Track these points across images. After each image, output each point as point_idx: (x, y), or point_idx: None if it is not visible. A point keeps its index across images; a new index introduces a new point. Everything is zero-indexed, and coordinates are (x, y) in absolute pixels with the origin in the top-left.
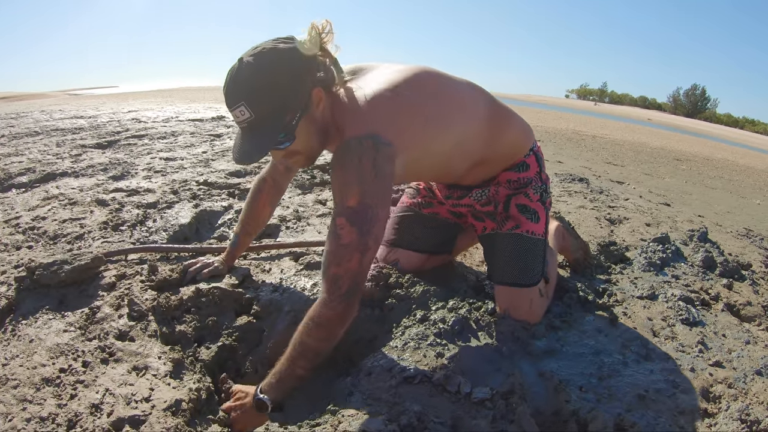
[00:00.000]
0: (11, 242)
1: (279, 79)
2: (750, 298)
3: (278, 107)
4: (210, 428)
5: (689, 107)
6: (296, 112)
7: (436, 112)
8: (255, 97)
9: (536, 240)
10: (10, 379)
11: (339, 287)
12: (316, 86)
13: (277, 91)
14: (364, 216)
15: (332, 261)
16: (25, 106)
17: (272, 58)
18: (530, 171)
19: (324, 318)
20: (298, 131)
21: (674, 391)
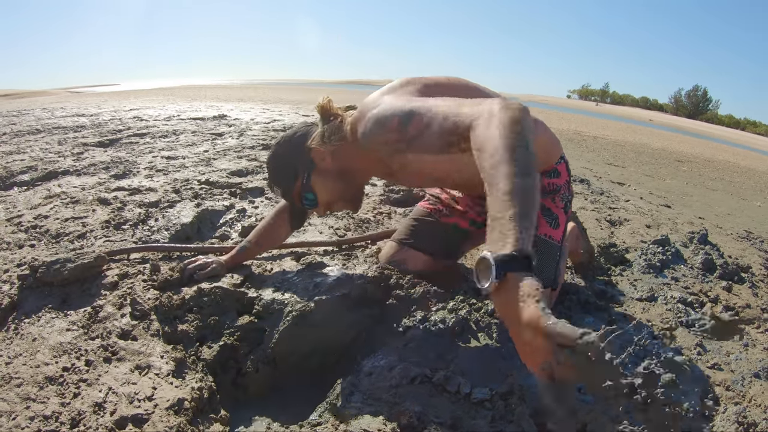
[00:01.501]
0: (13, 240)
1: (283, 160)
2: (749, 300)
3: (288, 180)
4: (212, 427)
5: (691, 108)
6: (303, 175)
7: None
8: (275, 178)
9: (552, 245)
10: (13, 377)
11: (469, 115)
12: (315, 149)
13: (281, 167)
14: (415, 110)
15: (446, 122)
16: (27, 103)
17: (278, 147)
18: (561, 179)
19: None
20: (314, 186)
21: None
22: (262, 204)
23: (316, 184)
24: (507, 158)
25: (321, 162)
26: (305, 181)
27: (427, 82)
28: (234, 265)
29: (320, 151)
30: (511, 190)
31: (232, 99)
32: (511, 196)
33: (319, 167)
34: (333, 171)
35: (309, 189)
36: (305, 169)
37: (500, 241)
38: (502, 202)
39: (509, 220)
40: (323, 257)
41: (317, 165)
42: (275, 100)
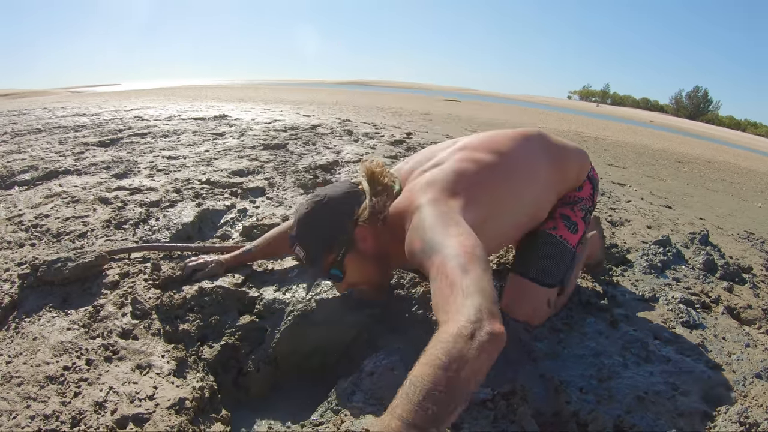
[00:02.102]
0: (14, 240)
1: (320, 228)
2: (750, 301)
3: (320, 249)
4: (213, 426)
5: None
6: (339, 251)
7: (504, 168)
8: (303, 241)
9: (566, 246)
10: (14, 376)
11: (452, 303)
12: (359, 226)
13: (317, 237)
14: (436, 242)
15: (437, 295)
16: (28, 103)
17: (319, 209)
18: (583, 192)
19: (443, 335)
20: (346, 265)
21: (674, 394)
22: (263, 204)
23: (350, 264)
24: (425, 397)
25: (362, 242)
26: (339, 258)
27: (475, 181)
28: (235, 265)
29: (365, 230)
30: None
31: (233, 99)
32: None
33: (359, 248)
34: (371, 254)
35: (340, 267)
36: (342, 246)
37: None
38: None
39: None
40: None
41: (357, 245)
42: (276, 101)
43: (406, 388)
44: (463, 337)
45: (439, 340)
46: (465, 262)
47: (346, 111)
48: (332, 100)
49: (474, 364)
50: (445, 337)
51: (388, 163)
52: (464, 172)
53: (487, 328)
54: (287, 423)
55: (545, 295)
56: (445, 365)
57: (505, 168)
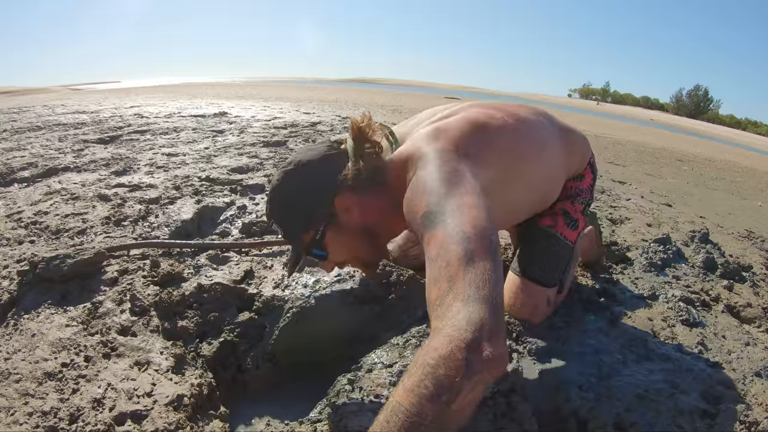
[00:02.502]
0: (13, 237)
1: (292, 198)
2: (750, 299)
3: (296, 225)
4: (211, 423)
5: (692, 108)
6: (318, 227)
7: (514, 128)
8: (276, 217)
9: (565, 244)
10: (12, 373)
11: (448, 305)
12: (340, 195)
13: (291, 209)
14: (441, 212)
15: (429, 286)
16: (28, 100)
17: (291, 178)
18: (584, 182)
19: (432, 354)
20: (328, 243)
21: (673, 392)
22: (262, 201)
23: (332, 241)
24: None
25: (344, 215)
26: (318, 237)
27: (489, 140)
28: None
29: (348, 200)
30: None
31: (232, 96)
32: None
33: (341, 221)
34: (357, 227)
35: (321, 246)
36: (322, 221)
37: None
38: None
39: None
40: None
41: (339, 218)
42: (276, 98)
43: (388, 415)
44: (457, 363)
45: (426, 362)
46: (472, 248)
47: (346, 108)
48: (332, 97)
49: (467, 395)
50: (435, 359)
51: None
52: (481, 125)
53: (486, 352)
54: (286, 420)
55: (545, 294)
56: (432, 395)
57: (522, 133)
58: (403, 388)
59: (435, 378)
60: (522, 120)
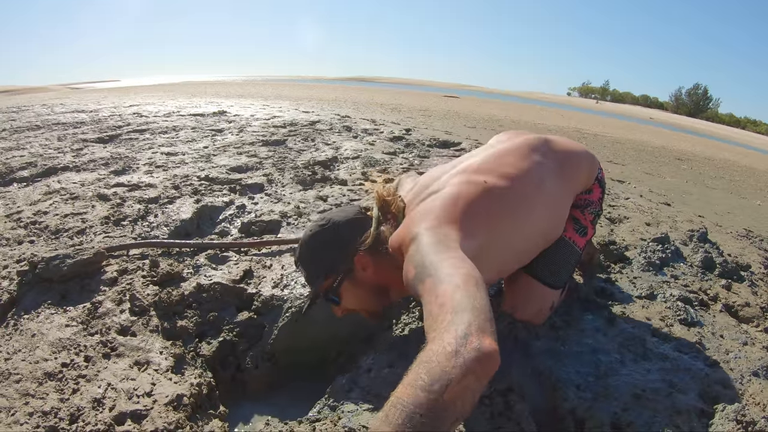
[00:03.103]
0: (13, 237)
1: (322, 252)
2: (748, 299)
3: (318, 272)
4: (211, 423)
5: (691, 107)
6: (336, 277)
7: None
8: (303, 262)
9: (574, 249)
10: (12, 373)
11: (440, 321)
12: (359, 253)
13: (318, 259)
14: (431, 266)
15: (427, 325)
16: (27, 99)
17: (323, 233)
18: (593, 195)
19: (427, 353)
20: (342, 292)
21: (671, 391)
22: (261, 200)
23: (347, 290)
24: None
25: (360, 271)
26: (335, 285)
27: (474, 211)
28: None
29: (365, 259)
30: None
31: (232, 95)
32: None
33: (357, 276)
34: (369, 283)
35: (336, 293)
36: (341, 273)
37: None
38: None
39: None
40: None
41: (355, 273)
42: (275, 97)
43: (387, 410)
44: (446, 355)
45: (422, 360)
46: (457, 282)
47: (345, 107)
48: (331, 96)
49: (459, 385)
50: (428, 355)
51: (387, 160)
52: (463, 198)
53: (474, 344)
54: (285, 419)
55: (551, 297)
56: (426, 386)
57: (515, 196)
58: (402, 383)
59: (428, 370)
60: (518, 179)
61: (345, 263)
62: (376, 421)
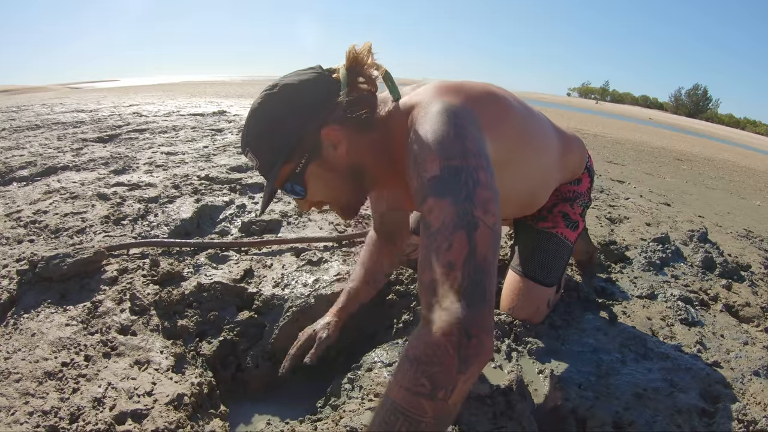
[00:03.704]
0: (12, 236)
1: (273, 122)
2: (749, 299)
3: (275, 154)
4: (212, 422)
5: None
6: (300, 159)
7: (524, 116)
8: (253, 144)
9: (566, 243)
10: (12, 372)
11: (442, 295)
12: (328, 125)
13: (270, 137)
14: (455, 180)
15: (424, 265)
16: (26, 99)
17: (271, 98)
18: (582, 186)
19: (423, 349)
20: (308, 179)
21: (672, 390)
22: (262, 200)
23: (313, 177)
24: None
25: (330, 149)
26: (299, 170)
27: (503, 116)
28: (346, 316)
29: (336, 133)
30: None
31: (232, 95)
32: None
33: (326, 156)
34: (342, 165)
35: (300, 181)
36: (304, 154)
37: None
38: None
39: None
40: (323, 253)
41: (323, 153)
42: None
43: (385, 415)
44: (450, 360)
45: (420, 360)
46: (477, 236)
47: None
48: None
49: (463, 389)
50: (428, 356)
51: None
52: (499, 98)
53: (477, 348)
54: (286, 419)
55: (546, 294)
56: (430, 393)
57: (528, 121)
58: (399, 386)
59: (430, 376)
60: (529, 110)
61: (309, 139)
62: (374, 426)
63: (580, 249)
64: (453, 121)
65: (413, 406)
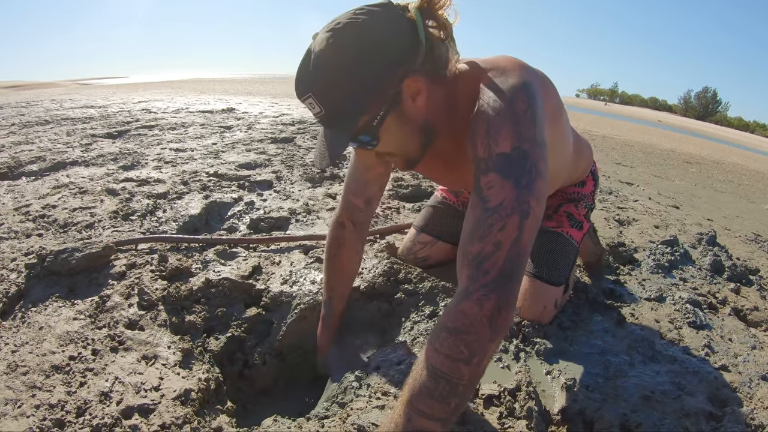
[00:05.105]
0: (21, 230)
1: (353, 68)
2: (757, 303)
3: (352, 103)
4: (218, 418)
5: (700, 110)
6: (378, 110)
7: (558, 106)
8: (322, 89)
9: (571, 243)
10: (20, 365)
11: (485, 271)
12: (411, 75)
13: (349, 83)
14: (522, 164)
15: (474, 236)
16: (36, 95)
17: (347, 38)
18: (586, 188)
19: (462, 320)
20: (383, 132)
21: (680, 393)
22: (270, 197)
23: (389, 129)
24: (442, 393)
25: (409, 101)
26: (376, 122)
27: (555, 102)
28: (331, 336)
29: (419, 83)
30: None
31: (240, 93)
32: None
33: (404, 108)
34: (417, 119)
35: (375, 134)
36: (384, 105)
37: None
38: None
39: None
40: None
41: (402, 105)
42: (284, 94)
43: (427, 381)
44: (484, 330)
45: (458, 329)
46: (526, 226)
47: None
48: None
49: (489, 354)
50: (466, 326)
51: None
52: (552, 84)
53: (505, 320)
54: (292, 416)
55: (554, 294)
56: (468, 359)
57: (563, 108)
58: (437, 353)
59: (468, 344)
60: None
61: (391, 89)
62: (411, 392)
63: (589, 251)
64: (532, 101)
65: (453, 371)
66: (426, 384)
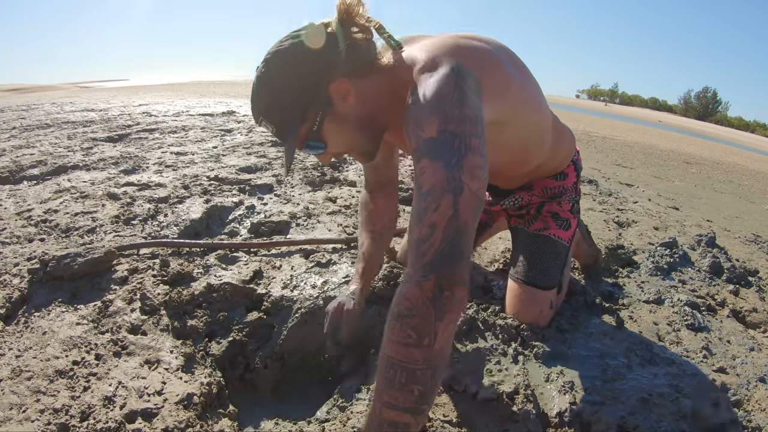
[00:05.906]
0: (24, 234)
1: (283, 87)
2: (756, 304)
3: (290, 116)
4: (220, 422)
5: (700, 110)
6: (315, 116)
7: (522, 82)
8: (266, 111)
9: (561, 244)
10: (23, 370)
11: (422, 253)
12: (335, 79)
13: (282, 100)
14: (449, 144)
15: (414, 222)
16: (36, 98)
17: (275, 64)
18: (568, 180)
19: (404, 304)
20: (325, 135)
21: (677, 396)
22: (271, 201)
23: (329, 132)
24: (400, 381)
25: (341, 102)
26: (315, 128)
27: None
28: (368, 286)
29: (343, 85)
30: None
31: (241, 95)
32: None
33: (337, 109)
34: (354, 115)
35: (318, 138)
36: (318, 112)
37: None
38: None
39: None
40: (332, 255)
41: (335, 106)
42: None
43: (385, 372)
44: (428, 311)
45: (403, 314)
46: (462, 202)
47: None
48: None
49: (444, 335)
50: (409, 309)
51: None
52: (499, 64)
53: (450, 298)
54: (294, 419)
55: (548, 297)
56: (417, 342)
57: (525, 81)
58: (389, 341)
59: (414, 326)
60: (526, 74)
61: (320, 97)
62: (380, 382)
63: (584, 253)
64: (460, 82)
65: (405, 357)
66: (386, 374)
